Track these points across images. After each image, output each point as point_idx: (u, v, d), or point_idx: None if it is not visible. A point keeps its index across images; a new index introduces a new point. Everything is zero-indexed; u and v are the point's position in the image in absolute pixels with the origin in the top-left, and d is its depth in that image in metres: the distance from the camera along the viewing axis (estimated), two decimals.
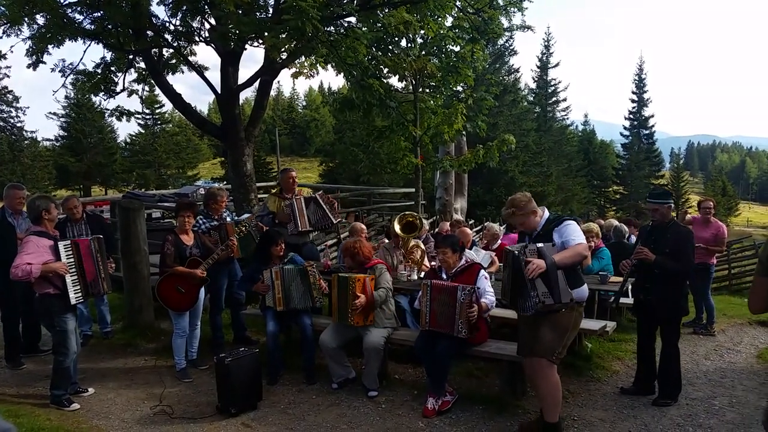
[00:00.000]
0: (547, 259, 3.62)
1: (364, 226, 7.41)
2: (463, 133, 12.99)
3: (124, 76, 8.66)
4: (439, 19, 9.55)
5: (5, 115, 46.01)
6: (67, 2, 7.43)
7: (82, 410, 4.73)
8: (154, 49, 7.96)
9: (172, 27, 7.98)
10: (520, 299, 3.77)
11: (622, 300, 6.48)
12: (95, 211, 8.32)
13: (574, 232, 3.84)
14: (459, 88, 12.67)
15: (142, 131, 52.97)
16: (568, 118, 50.76)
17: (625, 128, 55.19)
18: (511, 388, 4.79)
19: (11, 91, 45.36)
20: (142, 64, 8.42)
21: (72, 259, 4.63)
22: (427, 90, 12.62)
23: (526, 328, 4.01)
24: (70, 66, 8.46)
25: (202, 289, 5.55)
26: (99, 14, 7.64)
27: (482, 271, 4.76)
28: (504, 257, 3.98)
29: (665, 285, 4.62)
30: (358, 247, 5.21)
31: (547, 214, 4.05)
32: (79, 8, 7.60)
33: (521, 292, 3.73)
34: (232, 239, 5.63)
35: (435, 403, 4.54)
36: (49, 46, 7.72)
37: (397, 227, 6.55)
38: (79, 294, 4.63)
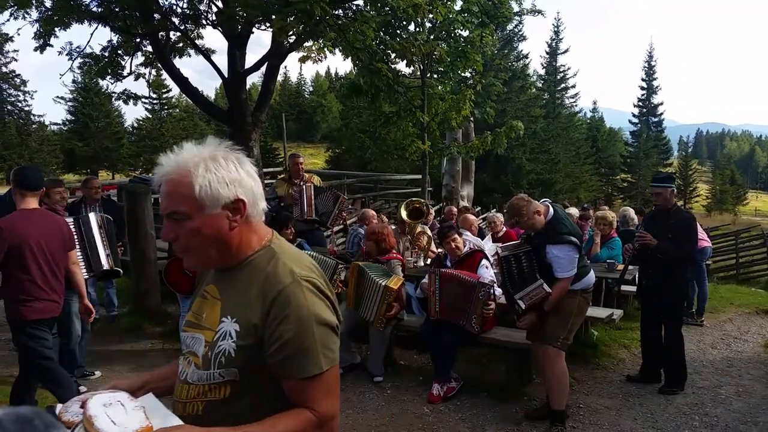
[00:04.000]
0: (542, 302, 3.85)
1: (374, 213, 7.43)
2: (471, 119, 12.91)
3: (131, 59, 8.65)
4: (449, 2, 9.45)
5: (13, 99, 46.12)
6: None
7: (89, 393, 4.75)
8: (161, 33, 7.92)
9: (179, 10, 7.95)
10: (510, 299, 4.02)
11: (627, 287, 6.43)
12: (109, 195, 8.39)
13: (562, 266, 3.79)
14: (467, 74, 12.57)
15: (149, 116, 52.89)
16: (576, 105, 50.21)
17: (633, 116, 54.80)
18: (516, 375, 4.79)
19: (19, 74, 45.45)
20: (149, 48, 8.39)
21: (76, 235, 4.65)
22: (435, 75, 12.51)
23: (533, 315, 4.01)
24: (78, 49, 8.46)
25: None
26: None
27: (484, 260, 4.74)
28: (497, 260, 4.14)
29: (668, 271, 4.59)
30: (386, 235, 5.20)
31: (551, 212, 3.87)
32: None
33: (510, 295, 4.01)
34: None
35: (440, 389, 4.55)
36: (56, 29, 7.70)
37: (403, 213, 6.53)
38: (84, 270, 4.64)
